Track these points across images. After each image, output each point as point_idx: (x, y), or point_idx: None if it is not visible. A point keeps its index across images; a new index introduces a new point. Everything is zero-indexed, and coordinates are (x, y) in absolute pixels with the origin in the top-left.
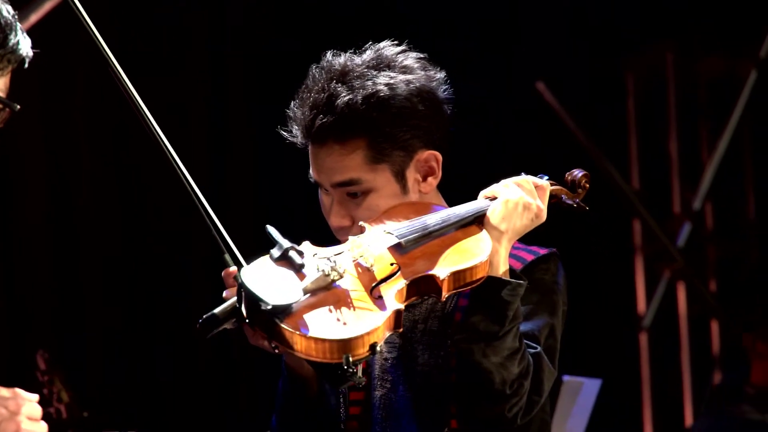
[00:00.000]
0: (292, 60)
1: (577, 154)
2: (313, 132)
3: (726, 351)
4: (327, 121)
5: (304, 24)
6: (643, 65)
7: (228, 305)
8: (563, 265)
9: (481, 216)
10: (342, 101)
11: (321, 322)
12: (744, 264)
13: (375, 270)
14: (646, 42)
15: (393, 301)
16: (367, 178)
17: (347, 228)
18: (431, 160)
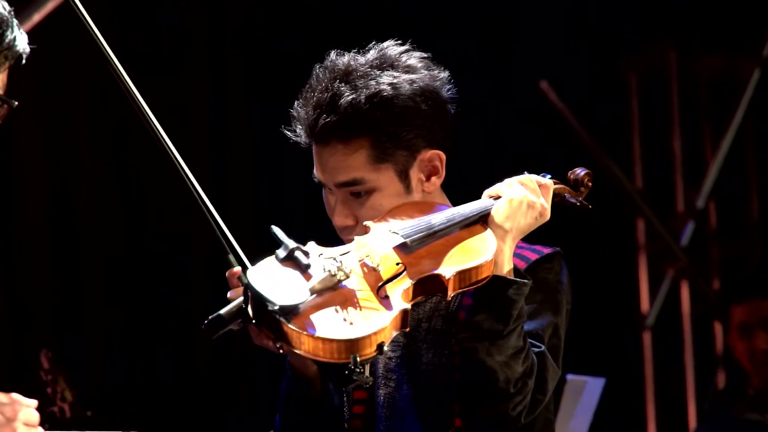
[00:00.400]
0: (292, 60)
1: (581, 153)
2: (317, 131)
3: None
4: (330, 121)
5: (304, 24)
6: (646, 64)
7: (234, 306)
8: (567, 264)
9: (486, 215)
10: (345, 101)
11: (328, 322)
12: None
13: (381, 270)
14: (649, 41)
15: (399, 301)
16: (371, 177)
17: (351, 228)
18: (435, 159)
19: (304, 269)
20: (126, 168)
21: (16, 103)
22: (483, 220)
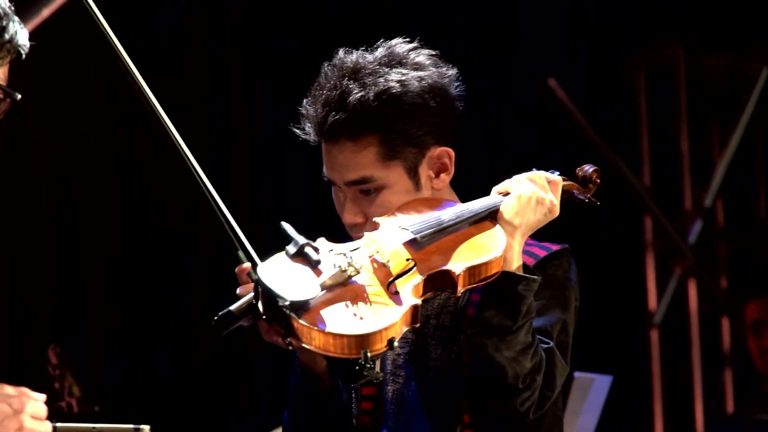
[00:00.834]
0: (292, 60)
1: (589, 151)
2: (326, 129)
3: (737, 348)
4: (339, 118)
5: (304, 24)
6: (654, 63)
7: (244, 302)
8: (575, 262)
9: (495, 211)
10: (354, 98)
11: (339, 317)
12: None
13: (391, 265)
14: (656, 40)
15: (410, 297)
16: (380, 175)
17: (361, 225)
18: (444, 156)
19: (314, 265)
20: (128, 167)
21: (19, 96)
22: (492, 216)
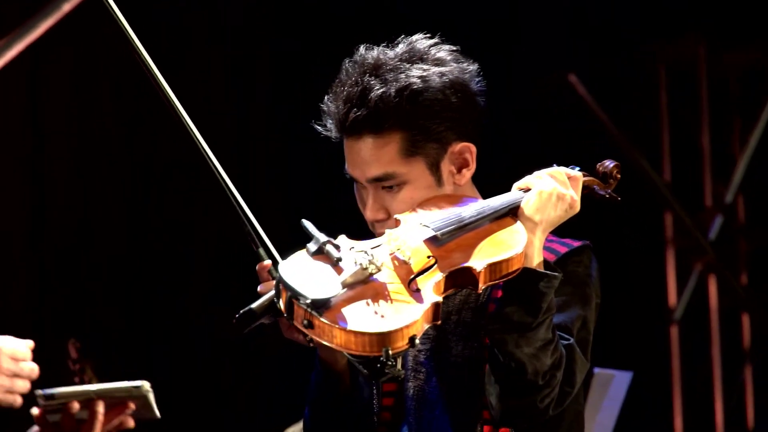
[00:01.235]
0: (292, 60)
1: (609, 146)
2: (347, 126)
3: (757, 344)
4: (361, 115)
5: (304, 24)
6: (676, 58)
7: (265, 300)
8: (596, 258)
9: (516, 208)
10: (375, 94)
11: (360, 315)
12: None
13: (412, 263)
14: (678, 35)
15: (431, 294)
16: (402, 171)
17: (383, 221)
18: (465, 151)
19: (335, 262)
20: (131, 166)
21: None
22: (513, 212)
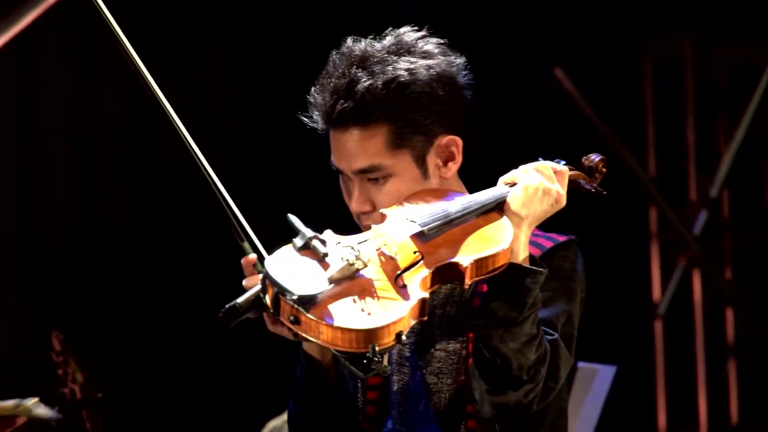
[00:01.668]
0: (292, 60)
1: (594, 140)
2: (334, 117)
3: (741, 339)
4: (347, 107)
5: (304, 24)
6: (661, 53)
7: (251, 295)
8: (581, 253)
9: (502, 202)
10: (362, 86)
11: (347, 311)
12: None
13: (398, 258)
14: (664, 30)
15: (417, 290)
16: (388, 163)
17: (369, 213)
18: (451, 145)
19: (321, 258)
20: (133, 166)
21: None
22: (499, 207)
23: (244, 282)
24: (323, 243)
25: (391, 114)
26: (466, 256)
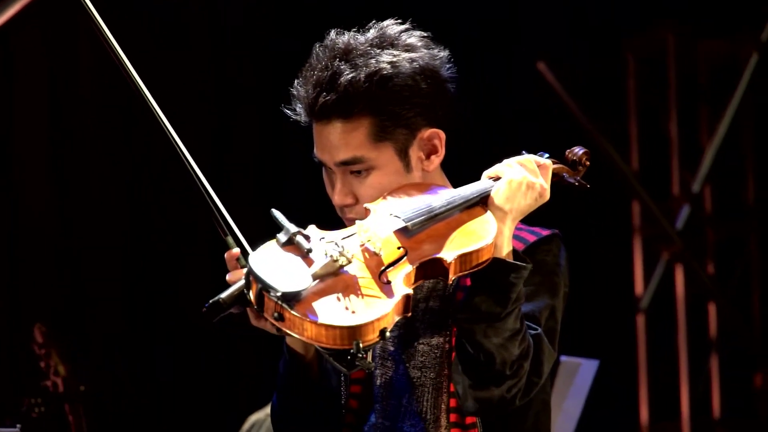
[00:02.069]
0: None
1: (577, 134)
2: (317, 110)
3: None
4: (330, 99)
5: (304, 24)
6: (644, 47)
7: (234, 290)
8: (564, 247)
9: (486, 197)
10: (345, 79)
11: (331, 308)
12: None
13: (382, 254)
14: (647, 23)
15: (401, 286)
16: (371, 156)
17: (351, 206)
18: (434, 138)
19: (305, 254)
20: (131, 164)
21: None
22: (483, 201)
23: (227, 276)
24: (307, 238)
25: (374, 107)
26: (450, 251)
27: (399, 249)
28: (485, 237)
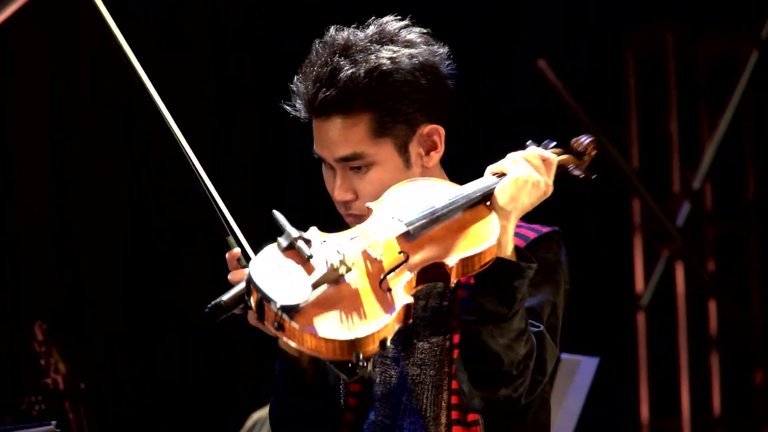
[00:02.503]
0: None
1: (577, 132)
2: (316, 106)
3: (723, 331)
4: (330, 95)
5: (304, 24)
6: (644, 44)
7: (235, 293)
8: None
9: (489, 194)
10: (345, 75)
11: (331, 320)
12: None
13: (383, 260)
14: (647, 22)
15: (402, 295)
16: (371, 152)
17: (351, 202)
18: (434, 134)
19: (306, 260)
20: (132, 164)
21: None
22: (486, 199)
23: (229, 276)
24: (308, 243)
25: (374, 102)
26: (452, 255)
27: (400, 254)
28: (488, 239)
